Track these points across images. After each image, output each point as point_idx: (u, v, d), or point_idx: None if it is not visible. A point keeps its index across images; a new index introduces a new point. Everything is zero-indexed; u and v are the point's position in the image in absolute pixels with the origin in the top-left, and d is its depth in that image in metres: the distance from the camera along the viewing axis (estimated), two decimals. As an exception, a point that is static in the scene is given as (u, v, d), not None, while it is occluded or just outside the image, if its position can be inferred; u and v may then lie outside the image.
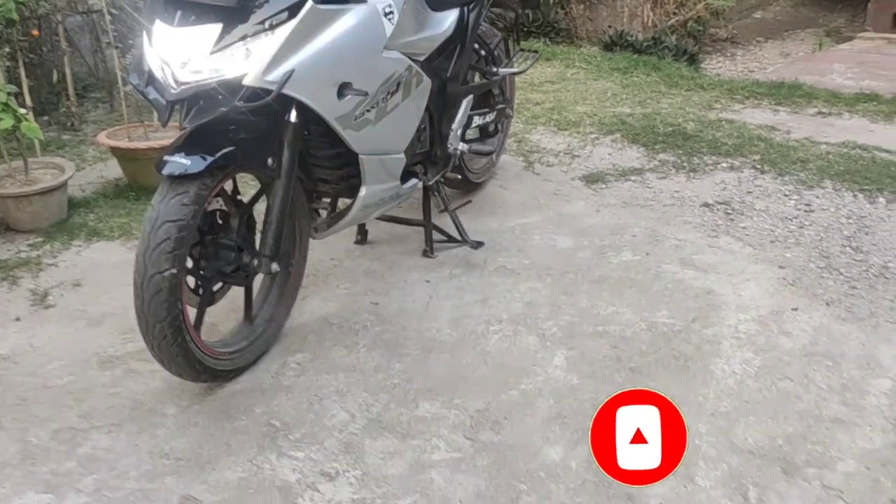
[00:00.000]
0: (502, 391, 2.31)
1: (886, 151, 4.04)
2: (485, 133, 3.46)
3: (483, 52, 3.23)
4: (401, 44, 2.43)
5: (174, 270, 1.99)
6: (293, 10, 2.02)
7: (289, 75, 2.01)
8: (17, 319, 2.72)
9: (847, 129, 4.47)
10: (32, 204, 3.33)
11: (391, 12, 2.33)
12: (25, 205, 3.31)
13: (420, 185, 2.93)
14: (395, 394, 2.30)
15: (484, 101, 3.41)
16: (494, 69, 3.29)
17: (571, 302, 2.77)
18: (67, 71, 4.64)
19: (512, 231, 3.33)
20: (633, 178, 3.84)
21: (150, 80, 2.10)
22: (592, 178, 3.85)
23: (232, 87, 2.00)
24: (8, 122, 3.17)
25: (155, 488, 1.95)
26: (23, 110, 3.26)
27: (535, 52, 3.49)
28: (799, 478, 1.96)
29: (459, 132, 3.09)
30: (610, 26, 6.68)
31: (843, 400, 2.24)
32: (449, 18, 2.86)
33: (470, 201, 3.25)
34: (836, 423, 2.15)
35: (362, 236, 3.24)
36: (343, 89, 2.20)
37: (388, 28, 2.32)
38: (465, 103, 3.10)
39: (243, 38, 1.98)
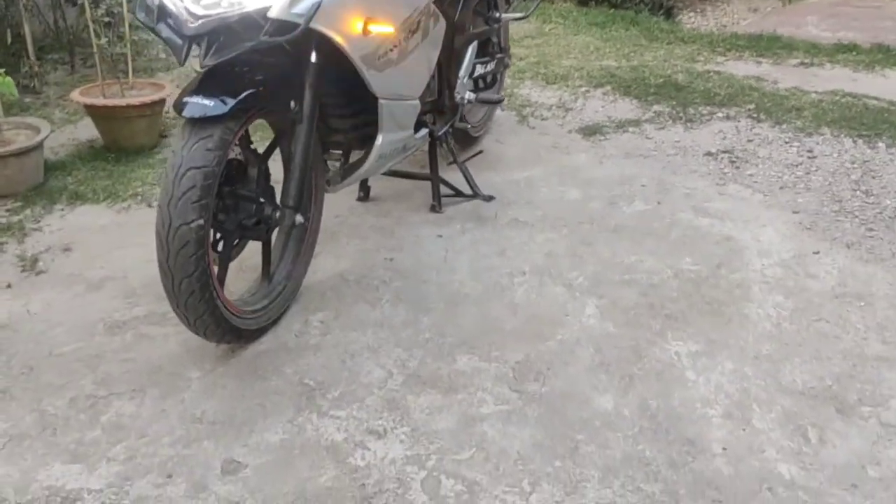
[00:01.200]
0: (539, 342, 2.23)
1: (875, 99, 4.06)
2: (484, 83, 3.34)
3: (488, -5, 3.11)
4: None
5: (201, 221, 1.85)
6: (321, -63, 1.87)
7: (316, 7, 1.86)
8: (9, 286, 2.54)
9: (832, 78, 4.49)
10: (8, 166, 3.11)
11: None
12: (1, 167, 3.09)
13: (427, 135, 2.81)
14: (429, 348, 2.21)
15: (483, 49, 3.29)
16: (497, 14, 3.16)
17: (592, 252, 2.70)
18: (26, 28, 4.36)
19: (517, 184, 3.24)
20: (630, 129, 3.78)
21: (161, 15, 1.93)
22: (589, 131, 3.78)
23: (255, 21, 1.85)
24: (-22, 79, 2.94)
25: (192, 454, 1.82)
26: (-6, 65, 3.02)
27: (537, -4, 3.36)
28: (855, 416, 1.94)
29: (466, 80, 2.97)
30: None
31: (883, 339, 2.23)
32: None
33: (482, 151, 3.14)
34: (881, 361, 2.13)
35: (364, 193, 3.11)
36: (368, 25, 2.06)
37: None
38: (471, 50, 2.99)
39: (271, -34, 1.82)
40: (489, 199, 2.98)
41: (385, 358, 2.17)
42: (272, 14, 1.83)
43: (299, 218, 2.16)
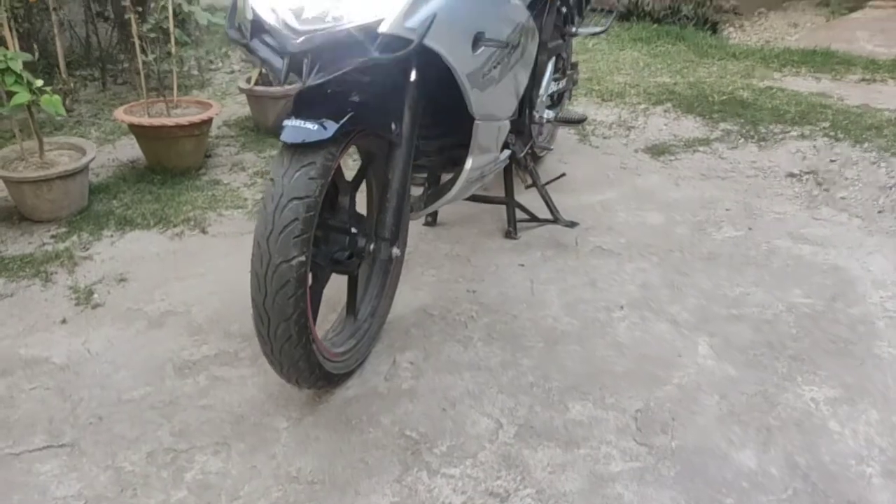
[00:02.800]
0: (655, 387, 2.02)
1: (952, 117, 3.87)
2: (551, 100, 3.15)
3: (564, 9, 2.91)
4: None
5: (302, 258, 1.64)
6: (436, -57, 1.68)
7: (431, 21, 1.67)
8: (64, 322, 2.33)
9: (898, 95, 4.30)
10: (53, 190, 2.91)
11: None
12: (45, 191, 2.89)
13: (508, 158, 2.61)
14: (536, 394, 2.00)
15: (554, 65, 3.10)
16: (573, 29, 2.97)
17: (690, 283, 2.50)
18: (58, 43, 4.18)
19: (592, 208, 3.05)
20: (701, 148, 3.59)
21: (256, 31, 1.74)
22: (657, 150, 3.58)
23: (365, 36, 1.65)
24: (24, 97, 2.75)
25: (295, 521, 1.61)
26: (39, 82, 2.83)
27: (610, 10, 3.18)
28: None
29: (546, 98, 2.78)
30: (618, -4, 6.41)
31: None
32: (539, -33, 2.55)
33: (564, 175, 2.94)
34: None
35: (433, 217, 2.92)
36: (477, 40, 1.87)
37: (516, -30, 2.00)
38: (550, 66, 2.79)
39: (381, -26, 1.63)
40: (572, 224, 2.78)
41: (489, 405, 1.96)
42: (384, 28, 1.64)
43: (396, 251, 1.96)
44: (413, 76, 1.88)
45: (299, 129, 1.66)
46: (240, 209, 3.08)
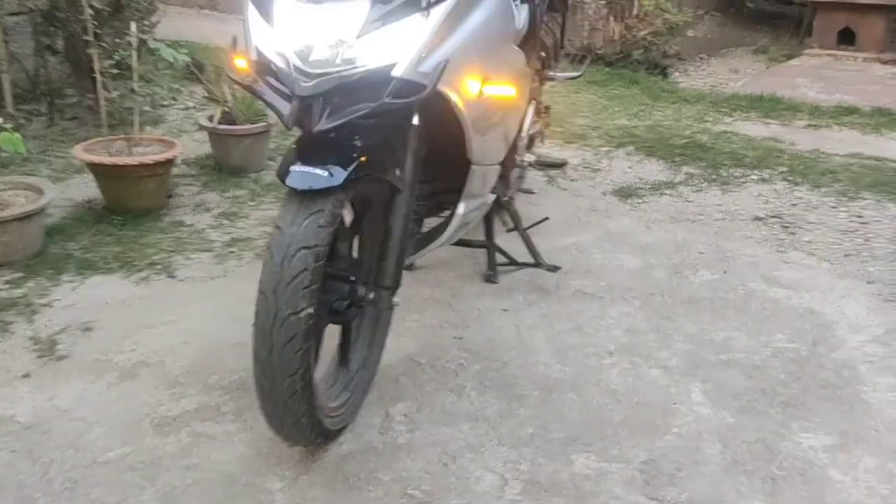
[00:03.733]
0: (656, 436, 2.00)
1: (897, 162, 4.03)
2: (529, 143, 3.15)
3: (543, 54, 2.93)
4: (515, 35, 2.11)
5: (311, 310, 1.57)
6: (450, -15, 1.65)
7: (444, 66, 1.64)
8: (27, 376, 2.18)
9: (845, 141, 4.46)
10: (7, 232, 2.75)
11: (518, 1, 2.00)
12: (-1, 233, 2.73)
13: (493, 201, 2.59)
14: (538, 446, 1.95)
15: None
16: (550, 73, 2.99)
17: (675, 327, 2.50)
18: (5, 77, 4.00)
19: (567, 251, 3.04)
20: (667, 191, 3.64)
21: (261, 72, 1.67)
22: (625, 193, 3.62)
23: (378, 81, 1.61)
24: (-23, 134, 2.60)
25: None
26: (-2, 119, 2.69)
27: (583, 56, 3.22)
28: None
29: (526, 141, 2.77)
30: (569, 40, 6.52)
31: None
32: (524, 11, 2.55)
33: (547, 218, 2.93)
34: None
35: (410, 261, 2.85)
36: (484, 86, 1.85)
37: (516, 15, 1.99)
38: (531, 110, 2.79)
39: (395, 18, 1.59)
40: (554, 269, 2.76)
41: (492, 459, 1.90)
42: (398, 73, 1.60)
43: (397, 299, 1.90)
44: (415, 120, 1.84)
45: (307, 175, 1.59)
46: (207, 252, 2.96)
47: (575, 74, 3.05)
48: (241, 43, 1.74)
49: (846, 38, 6.59)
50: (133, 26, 3.25)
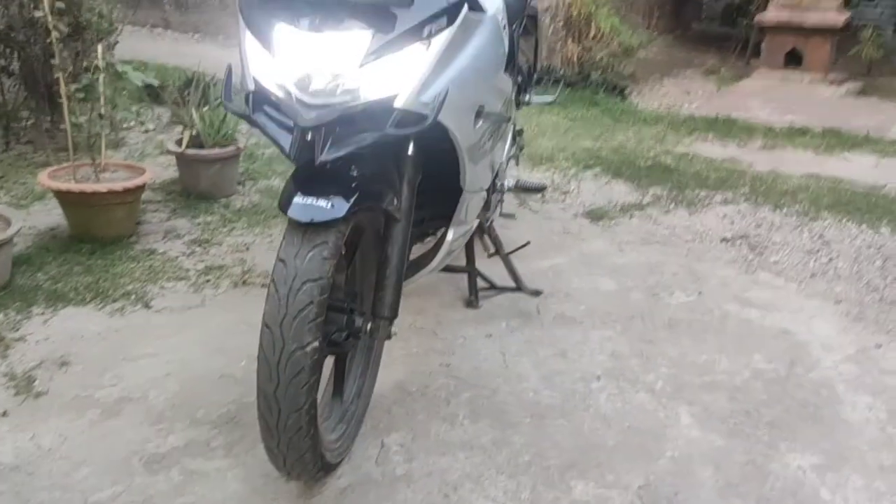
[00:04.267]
0: (650, 461, 2.03)
1: (853, 182, 4.17)
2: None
3: (519, 78, 2.96)
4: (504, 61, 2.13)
5: (317, 343, 1.56)
6: (450, 16, 1.66)
7: (444, 97, 1.65)
8: (4, 415, 2.11)
9: (800, 161, 4.60)
10: (-27, 263, 2.66)
11: (505, 25, 2.02)
12: (-35, 264, 2.64)
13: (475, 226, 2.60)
14: (536, 474, 1.96)
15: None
16: (527, 97, 3.03)
17: (658, 351, 2.55)
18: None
19: (544, 274, 3.07)
20: (636, 213, 3.71)
21: (259, 103, 1.66)
22: (595, 215, 3.68)
23: (379, 112, 1.61)
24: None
25: None
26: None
27: (557, 80, 3.26)
28: None
29: (506, 165, 2.80)
30: (527, 61, 6.61)
31: None
32: (506, 36, 2.58)
33: (529, 243, 2.95)
34: None
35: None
36: (478, 114, 1.86)
37: (506, 42, 2.01)
38: (510, 135, 2.82)
39: (397, 47, 1.60)
40: (536, 293, 2.78)
41: (492, 488, 1.90)
42: (400, 104, 1.60)
43: (394, 329, 1.89)
44: (411, 150, 1.84)
45: (310, 207, 1.58)
46: (182, 280, 2.90)
47: (550, 99, 3.09)
48: (237, 72, 1.71)
49: (793, 59, 6.82)
50: (100, 48, 3.18)
